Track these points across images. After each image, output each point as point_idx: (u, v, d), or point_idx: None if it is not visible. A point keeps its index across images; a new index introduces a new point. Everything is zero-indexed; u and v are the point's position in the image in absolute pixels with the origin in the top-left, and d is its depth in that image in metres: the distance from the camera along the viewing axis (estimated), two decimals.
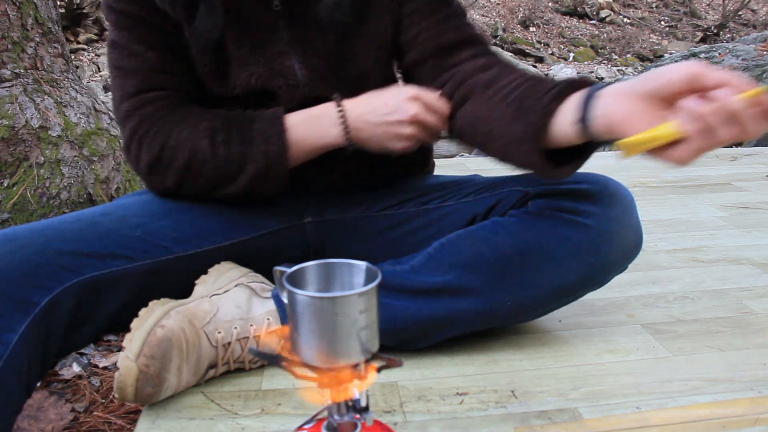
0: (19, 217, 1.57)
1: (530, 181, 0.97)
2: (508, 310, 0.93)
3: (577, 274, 0.92)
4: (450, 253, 0.93)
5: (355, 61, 0.97)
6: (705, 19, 13.44)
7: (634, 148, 0.66)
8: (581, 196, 0.92)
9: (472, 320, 0.95)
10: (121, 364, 0.80)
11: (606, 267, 0.94)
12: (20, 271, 0.79)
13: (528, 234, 0.91)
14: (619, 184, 0.96)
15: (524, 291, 0.92)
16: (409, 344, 0.96)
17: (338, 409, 0.66)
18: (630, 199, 0.95)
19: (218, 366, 0.89)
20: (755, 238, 1.52)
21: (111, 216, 0.91)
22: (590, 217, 0.91)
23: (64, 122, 1.67)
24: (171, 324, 0.82)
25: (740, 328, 1.07)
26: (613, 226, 0.92)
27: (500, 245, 0.92)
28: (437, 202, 1.01)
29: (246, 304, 0.91)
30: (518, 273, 0.91)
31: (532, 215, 0.93)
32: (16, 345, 0.75)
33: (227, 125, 0.91)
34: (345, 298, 0.60)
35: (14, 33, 1.64)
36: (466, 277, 0.92)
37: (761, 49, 5.56)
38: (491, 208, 0.98)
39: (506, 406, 0.85)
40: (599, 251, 0.91)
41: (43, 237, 0.83)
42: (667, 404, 0.85)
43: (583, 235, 0.91)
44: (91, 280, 0.84)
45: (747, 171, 2.22)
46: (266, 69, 0.93)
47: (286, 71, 0.94)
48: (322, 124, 0.91)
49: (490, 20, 12.14)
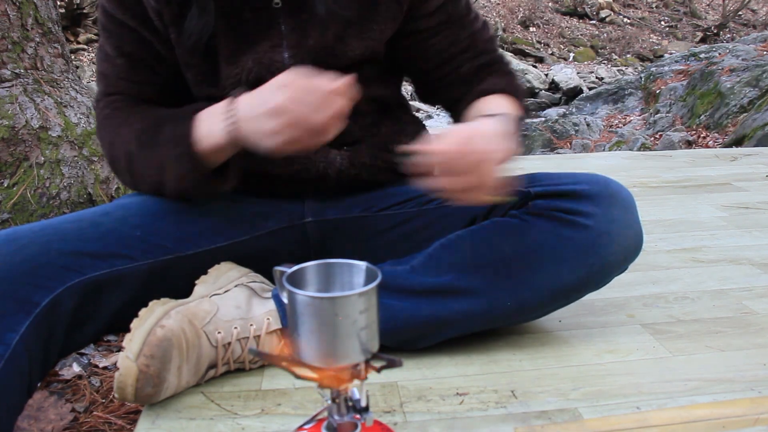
0: (19, 217, 1.57)
1: (531, 182, 0.97)
2: (508, 310, 0.93)
3: (577, 274, 0.92)
4: (450, 253, 0.93)
5: (349, 55, 0.96)
6: (705, 19, 13.44)
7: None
8: (581, 196, 0.92)
9: (473, 321, 0.95)
10: (121, 364, 0.80)
11: (606, 268, 0.94)
12: (21, 271, 0.79)
13: (528, 234, 0.91)
14: (620, 185, 0.96)
15: (524, 291, 0.92)
16: (409, 344, 0.96)
17: (338, 409, 0.66)
18: (630, 200, 0.96)
19: (218, 366, 0.89)
20: (755, 238, 1.52)
21: (111, 216, 0.91)
22: (590, 217, 0.91)
23: (64, 122, 1.67)
24: (171, 324, 0.82)
25: (740, 328, 1.07)
26: (613, 227, 0.92)
27: (500, 246, 0.92)
28: (438, 202, 1.02)
29: (246, 304, 0.91)
30: (518, 274, 0.91)
31: (532, 216, 0.93)
32: (17, 345, 0.75)
33: (154, 125, 0.89)
34: (345, 298, 0.60)
35: (14, 33, 1.64)
36: (466, 278, 0.92)
37: (761, 49, 5.56)
38: (492, 209, 0.98)
39: (506, 406, 0.85)
40: (599, 252, 0.91)
41: (44, 237, 0.83)
42: (667, 404, 0.85)
43: (583, 235, 0.91)
44: (92, 280, 0.84)
45: (747, 171, 2.22)
46: (255, 64, 0.92)
47: (275, 66, 0.92)
48: (213, 121, 0.83)
49: (490, 20, 12.13)
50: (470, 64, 1.02)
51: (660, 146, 4.43)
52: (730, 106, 4.62)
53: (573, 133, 4.84)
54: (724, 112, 4.64)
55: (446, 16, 0.99)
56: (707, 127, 4.70)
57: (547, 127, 4.85)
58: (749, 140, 3.94)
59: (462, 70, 1.02)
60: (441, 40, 1.00)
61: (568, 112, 6.18)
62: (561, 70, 9.82)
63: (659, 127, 4.92)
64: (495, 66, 1.03)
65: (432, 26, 0.99)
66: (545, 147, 4.70)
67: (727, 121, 4.55)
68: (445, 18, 0.99)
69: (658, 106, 5.35)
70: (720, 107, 4.72)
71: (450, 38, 1.00)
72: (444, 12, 0.99)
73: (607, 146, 4.54)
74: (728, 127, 4.48)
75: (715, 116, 4.70)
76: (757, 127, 4.00)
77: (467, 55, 1.01)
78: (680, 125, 4.93)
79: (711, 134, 4.57)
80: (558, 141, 4.73)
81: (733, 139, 4.14)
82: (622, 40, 12.36)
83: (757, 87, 4.61)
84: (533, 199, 0.94)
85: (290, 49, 0.93)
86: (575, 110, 6.16)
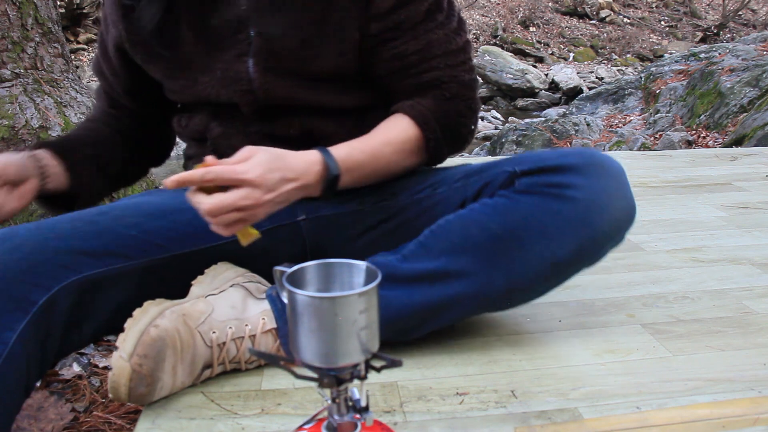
0: (19, 217, 1.57)
1: (518, 161, 0.95)
2: (502, 291, 0.92)
3: (569, 248, 0.90)
4: (440, 238, 0.92)
5: (317, 60, 0.95)
6: (705, 19, 13.44)
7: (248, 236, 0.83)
8: (568, 169, 0.90)
9: (467, 304, 0.93)
10: (114, 363, 0.80)
11: (599, 239, 0.92)
12: (18, 270, 0.79)
13: (516, 211, 0.90)
14: (608, 156, 0.94)
15: (517, 270, 0.91)
16: (406, 334, 0.95)
17: (338, 409, 0.66)
18: (619, 170, 0.93)
19: (214, 366, 0.89)
20: (755, 238, 1.52)
21: (108, 215, 0.92)
22: (578, 189, 0.89)
23: (64, 122, 1.67)
24: (165, 324, 0.82)
25: (740, 328, 1.07)
26: (602, 197, 0.90)
27: (489, 225, 0.90)
28: (429, 191, 1.01)
29: (241, 304, 0.90)
30: (509, 252, 0.90)
31: (520, 193, 0.91)
32: (15, 344, 0.75)
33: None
34: (345, 298, 0.60)
35: (14, 33, 1.64)
36: (457, 261, 0.90)
37: (761, 49, 5.56)
38: (480, 191, 0.97)
39: (506, 406, 0.85)
40: (590, 223, 0.90)
41: (41, 235, 0.84)
42: (667, 404, 0.85)
43: (571, 207, 0.89)
44: (88, 279, 0.84)
45: (747, 171, 2.22)
46: (222, 76, 0.95)
47: (240, 77, 0.94)
48: None
49: (490, 20, 12.14)
50: (412, 81, 0.97)
51: (660, 146, 4.43)
52: (730, 106, 4.63)
53: (573, 133, 4.84)
54: (724, 112, 4.65)
55: (395, 23, 0.94)
56: (707, 127, 4.71)
57: (547, 127, 4.85)
58: (749, 140, 3.94)
59: (401, 86, 0.98)
60: (389, 50, 0.96)
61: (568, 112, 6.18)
62: (561, 69, 9.82)
63: (659, 127, 4.92)
64: (437, 87, 0.97)
65: (382, 31, 0.95)
66: (545, 147, 4.70)
67: (727, 121, 4.55)
68: (392, 24, 0.94)
69: (658, 106, 5.35)
70: (720, 107, 4.72)
71: (399, 48, 0.95)
72: (395, 16, 0.94)
73: (607, 146, 4.54)
74: (728, 127, 4.48)
75: (715, 116, 4.70)
76: (757, 127, 4.00)
77: (412, 71, 0.97)
78: (680, 125, 4.93)
79: (711, 134, 4.57)
80: (558, 141, 4.73)
81: (733, 139, 4.14)
82: (622, 40, 12.37)
83: (757, 87, 4.61)
84: (519, 177, 0.93)
85: (255, 56, 0.94)
86: (575, 110, 6.17)
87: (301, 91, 0.96)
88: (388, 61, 0.97)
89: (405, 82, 0.98)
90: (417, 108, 0.96)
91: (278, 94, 0.95)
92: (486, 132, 6.44)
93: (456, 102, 0.98)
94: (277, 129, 0.98)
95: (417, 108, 0.96)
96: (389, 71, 0.98)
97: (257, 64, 0.94)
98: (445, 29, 0.97)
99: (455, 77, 0.98)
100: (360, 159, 0.92)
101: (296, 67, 0.95)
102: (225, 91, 0.96)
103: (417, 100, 0.97)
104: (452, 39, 0.98)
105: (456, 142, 1.01)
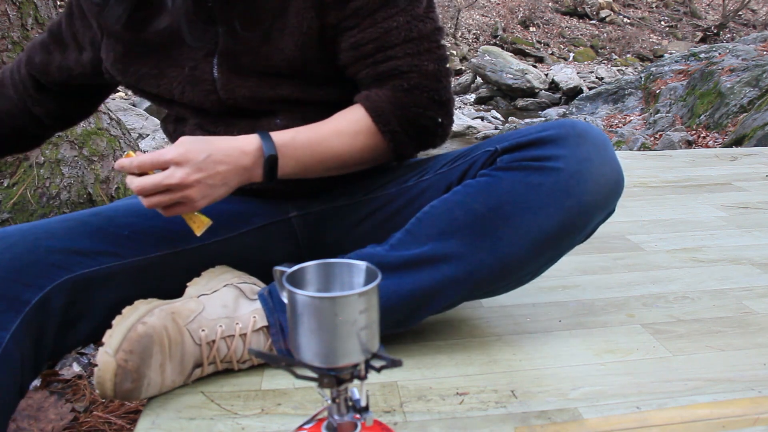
0: (19, 217, 1.57)
1: (499, 139, 0.94)
2: (495, 271, 0.91)
3: (555, 220, 0.89)
4: (425, 224, 0.92)
5: (279, 54, 0.92)
6: (705, 19, 13.45)
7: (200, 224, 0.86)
8: (548, 141, 0.89)
9: (458, 288, 0.92)
10: (100, 359, 0.80)
11: (585, 209, 0.91)
12: (11, 269, 0.80)
13: (498, 188, 0.89)
14: (589, 124, 0.93)
15: (504, 247, 0.89)
16: (400, 325, 0.94)
17: (338, 409, 0.66)
18: (602, 138, 0.92)
19: (204, 365, 0.88)
20: (755, 238, 1.52)
21: (100, 216, 0.93)
22: (559, 160, 0.88)
23: None
24: (153, 321, 0.82)
25: (740, 328, 1.07)
26: (584, 166, 0.89)
27: (472, 206, 0.89)
28: (416, 179, 1.01)
29: (233, 304, 0.90)
30: (495, 230, 0.89)
31: (501, 170, 0.90)
32: (8, 343, 0.76)
33: None
34: (345, 298, 0.60)
35: (14, 33, 1.64)
36: (444, 244, 0.90)
37: (761, 49, 5.56)
38: (464, 173, 0.96)
39: (506, 406, 0.85)
40: (574, 193, 0.88)
41: (33, 235, 0.84)
42: (667, 404, 0.85)
43: (553, 179, 0.88)
44: (81, 278, 0.85)
45: (747, 171, 2.22)
46: (189, 74, 0.94)
47: (204, 77, 0.93)
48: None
49: (490, 20, 12.15)
50: (370, 71, 0.92)
51: (660, 146, 4.44)
52: (730, 106, 4.63)
53: None
54: (724, 112, 4.65)
55: (352, 11, 0.89)
56: (707, 127, 4.71)
57: None
58: (749, 140, 3.95)
59: (361, 77, 0.94)
60: (347, 40, 0.91)
61: (568, 112, 6.19)
62: (561, 69, 9.83)
63: (659, 127, 4.92)
64: (396, 77, 0.91)
65: (341, 20, 0.91)
66: None
67: (727, 121, 4.56)
68: (350, 12, 0.90)
69: (658, 106, 5.36)
70: (720, 107, 4.72)
71: (356, 37, 0.91)
72: (353, 3, 0.89)
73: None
74: (728, 127, 4.48)
75: (715, 116, 4.70)
76: (757, 126, 4.00)
77: (370, 60, 0.92)
78: (680, 125, 4.93)
79: (711, 134, 4.57)
80: None
81: (733, 139, 4.15)
82: (622, 40, 12.37)
83: (757, 87, 4.62)
84: (500, 155, 0.92)
85: (220, 56, 0.93)
86: (575, 110, 6.17)
87: (264, 90, 0.94)
88: (347, 51, 0.92)
89: (364, 72, 0.93)
90: (372, 98, 0.92)
91: (241, 95, 0.93)
92: (486, 132, 6.45)
93: (416, 93, 0.92)
94: (242, 130, 0.93)
95: (372, 98, 0.92)
96: (349, 62, 0.93)
97: (220, 65, 0.92)
98: (407, 15, 0.90)
99: (416, 66, 0.91)
100: (304, 144, 0.89)
101: (258, 63, 0.92)
102: (190, 90, 0.94)
103: (374, 91, 0.93)
104: (415, 26, 0.91)
105: (421, 135, 0.95)
